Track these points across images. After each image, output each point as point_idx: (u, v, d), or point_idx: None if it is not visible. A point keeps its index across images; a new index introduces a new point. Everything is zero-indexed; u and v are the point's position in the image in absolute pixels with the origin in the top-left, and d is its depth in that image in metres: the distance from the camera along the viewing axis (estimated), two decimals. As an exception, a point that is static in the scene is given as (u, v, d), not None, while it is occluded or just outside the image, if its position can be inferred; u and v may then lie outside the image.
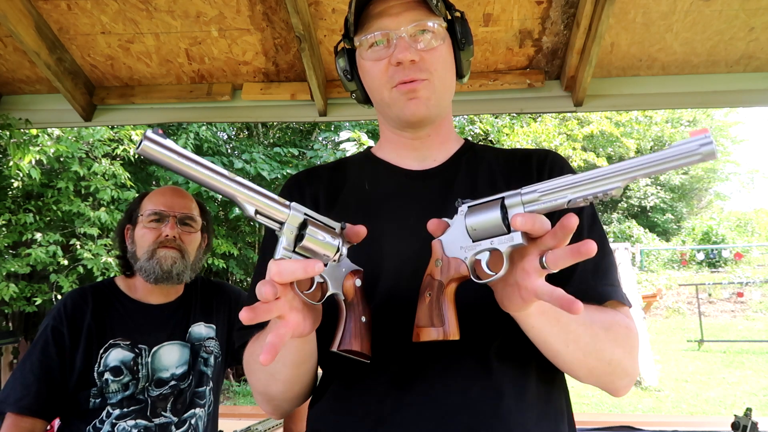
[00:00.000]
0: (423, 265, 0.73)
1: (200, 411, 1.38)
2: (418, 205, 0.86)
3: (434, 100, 0.86)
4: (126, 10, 1.90)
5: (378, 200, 0.89)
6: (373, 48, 0.85)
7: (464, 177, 0.89)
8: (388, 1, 0.83)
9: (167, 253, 1.35)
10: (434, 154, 0.92)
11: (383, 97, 0.87)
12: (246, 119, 2.32)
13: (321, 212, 0.72)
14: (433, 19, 0.83)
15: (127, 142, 5.40)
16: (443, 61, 0.86)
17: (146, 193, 1.45)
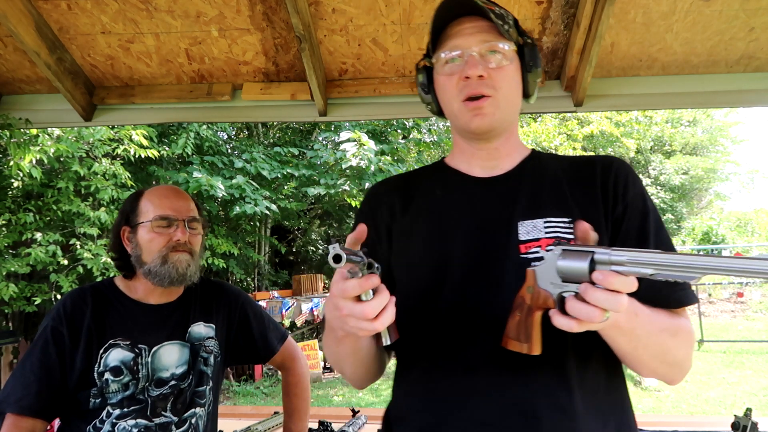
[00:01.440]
0: (485, 264, 0.89)
1: (200, 410, 1.38)
2: (483, 209, 0.95)
3: (498, 116, 0.93)
4: (126, 10, 1.90)
5: (447, 205, 0.98)
6: (448, 64, 0.95)
7: (528, 184, 0.96)
8: (463, 23, 0.93)
9: (181, 256, 1.34)
10: (501, 163, 0.99)
11: (453, 109, 0.96)
12: (246, 119, 2.32)
13: (395, 221, 0.98)
14: (503, 41, 0.92)
15: (127, 141, 5.40)
16: (509, 79, 0.93)
17: (140, 193, 1.41)
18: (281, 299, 7.61)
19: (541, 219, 0.90)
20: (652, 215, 0.92)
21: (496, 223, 0.92)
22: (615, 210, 0.91)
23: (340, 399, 6.64)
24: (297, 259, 12.26)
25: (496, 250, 0.90)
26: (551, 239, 0.87)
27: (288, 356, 1.63)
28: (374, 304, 0.71)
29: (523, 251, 0.89)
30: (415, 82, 2.10)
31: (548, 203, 0.92)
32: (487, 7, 0.91)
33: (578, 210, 0.91)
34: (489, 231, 0.91)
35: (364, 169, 7.02)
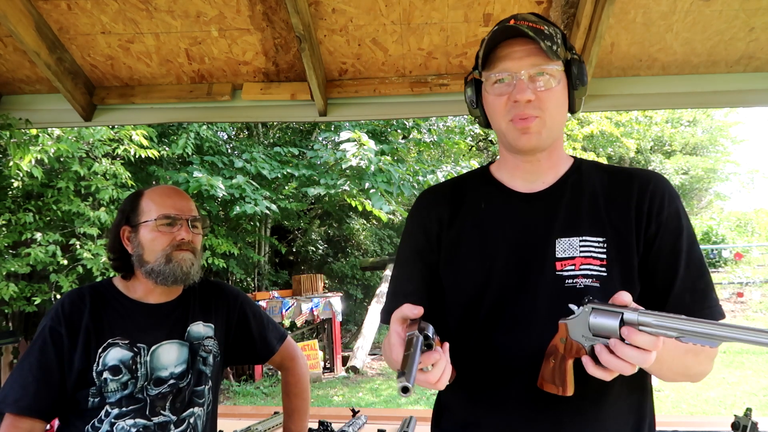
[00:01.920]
0: (523, 278, 0.96)
1: (199, 410, 1.38)
2: (524, 225, 1.00)
3: (545, 134, 0.97)
4: (126, 10, 1.90)
5: (491, 220, 1.04)
6: (497, 84, 0.98)
7: (568, 201, 1.01)
8: (513, 46, 0.96)
9: (184, 255, 1.35)
10: (544, 176, 1.04)
11: (501, 126, 1.00)
12: (246, 119, 2.32)
13: (443, 230, 1.05)
14: (551, 63, 0.95)
15: (127, 142, 5.40)
16: (556, 100, 0.97)
17: (140, 193, 1.41)
18: (281, 299, 7.60)
19: (578, 237, 0.96)
20: (685, 234, 0.95)
21: (536, 239, 0.98)
22: (648, 229, 0.95)
23: (340, 399, 6.64)
24: (297, 259, 12.26)
25: (534, 266, 0.97)
26: (586, 258, 0.94)
27: (287, 356, 1.63)
28: (434, 374, 0.79)
29: (558, 268, 0.95)
30: (414, 83, 2.11)
31: (585, 222, 0.97)
32: (538, 27, 0.95)
33: (612, 230, 0.96)
34: (528, 247, 0.98)
35: (364, 169, 7.01)
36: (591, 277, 0.93)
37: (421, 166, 8.02)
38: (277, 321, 1.70)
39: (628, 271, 0.94)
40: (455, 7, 1.84)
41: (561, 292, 0.93)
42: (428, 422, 2.16)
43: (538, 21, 0.97)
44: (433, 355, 0.79)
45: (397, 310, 0.86)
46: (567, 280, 0.93)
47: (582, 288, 0.93)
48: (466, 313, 1.01)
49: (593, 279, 0.93)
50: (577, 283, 0.93)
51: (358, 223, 12.63)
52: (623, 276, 0.93)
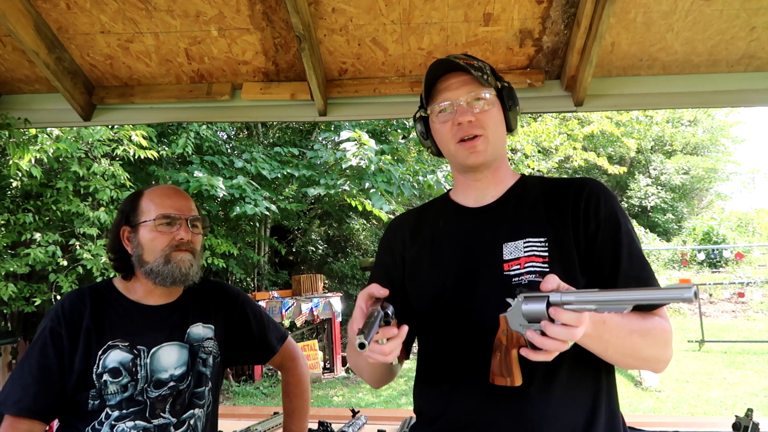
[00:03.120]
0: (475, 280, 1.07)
1: (199, 411, 1.38)
2: (475, 235, 1.13)
3: (489, 151, 1.12)
4: (125, 10, 1.89)
5: (446, 235, 1.17)
6: (441, 114, 1.15)
7: (512, 210, 1.13)
8: (449, 79, 1.14)
9: (183, 256, 1.34)
10: (492, 191, 1.17)
11: (450, 149, 1.15)
12: (246, 119, 2.32)
13: (406, 249, 1.21)
14: (484, 90, 1.11)
15: (127, 142, 5.39)
16: (494, 119, 1.12)
17: (140, 193, 1.41)
18: (281, 299, 7.60)
19: (522, 240, 1.07)
20: (624, 230, 1.06)
21: (485, 246, 1.10)
22: (588, 227, 1.06)
23: (339, 399, 6.64)
24: (297, 259, 12.26)
25: (483, 270, 1.08)
26: (529, 257, 1.04)
27: (287, 356, 1.63)
28: (388, 346, 0.90)
29: (506, 269, 1.05)
30: (414, 82, 2.10)
31: (528, 226, 1.09)
32: (468, 62, 1.11)
33: (552, 231, 1.06)
34: (479, 254, 1.10)
35: (364, 169, 7.01)
36: (534, 272, 1.02)
37: (421, 166, 8.01)
38: (276, 321, 1.69)
39: (569, 265, 1.03)
40: (455, 6, 1.84)
41: (509, 290, 1.00)
42: (428, 423, 2.16)
43: (468, 58, 1.14)
44: (390, 330, 0.91)
45: (365, 288, 0.98)
46: (514, 278, 1.03)
47: (527, 284, 1.02)
48: (428, 319, 1.14)
49: (537, 274, 1.02)
50: (522, 280, 1.02)
51: (358, 223, 12.63)
52: (565, 270, 1.02)
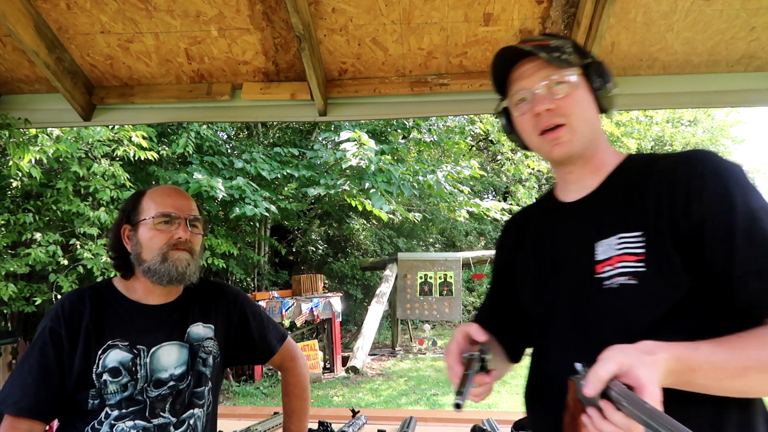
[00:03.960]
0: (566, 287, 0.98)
1: (199, 411, 1.38)
2: (568, 235, 1.02)
3: (576, 140, 0.99)
4: (125, 10, 1.89)
5: (544, 235, 1.09)
6: (518, 105, 1.04)
7: (608, 201, 0.99)
8: (523, 65, 1.02)
9: (181, 255, 1.33)
10: (589, 182, 1.03)
11: (533, 143, 1.05)
12: (246, 119, 2.32)
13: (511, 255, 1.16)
14: (563, 72, 0.98)
15: (127, 142, 5.39)
16: (579, 103, 0.99)
17: (142, 192, 1.41)
18: (281, 299, 7.60)
19: (615, 236, 0.92)
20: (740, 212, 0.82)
21: (577, 247, 0.99)
22: (690, 213, 0.85)
23: (340, 399, 6.64)
24: (297, 259, 12.26)
25: (574, 274, 0.98)
26: (621, 256, 0.90)
27: (287, 356, 1.63)
28: (478, 390, 0.93)
29: (598, 271, 0.92)
30: (414, 82, 2.11)
31: (621, 219, 0.93)
32: (542, 43, 1.00)
33: (649, 222, 0.89)
34: (570, 256, 0.99)
35: (364, 169, 7.01)
36: (627, 274, 0.88)
37: (421, 166, 8.01)
38: (276, 321, 1.69)
39: (666, 265, 0.86)
40: (455, 6, 1.84)
41: (599, 296, 0.91)
42: (428, 422, 2.16)
43: (544, 38, 1.03)
44: (484, 378, 0.93)
45: (465, 325, 0.98)
46: (605, 282, 0.91)
47: (617, 288, 0.89)
48: (532, 329, 1.08)
49: (629, 276, 0.88)
50: (612, 284, 0.90)
51: (358, 223, 12.63)
52: (664, 269, 0.86)
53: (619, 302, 0.89)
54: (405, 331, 11.08)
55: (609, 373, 0.72)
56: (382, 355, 9.47)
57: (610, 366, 0.73)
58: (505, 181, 14.77)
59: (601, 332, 0.90)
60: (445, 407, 6.07)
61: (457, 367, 0.91)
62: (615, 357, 0.74)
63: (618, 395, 0.71)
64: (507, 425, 1.94)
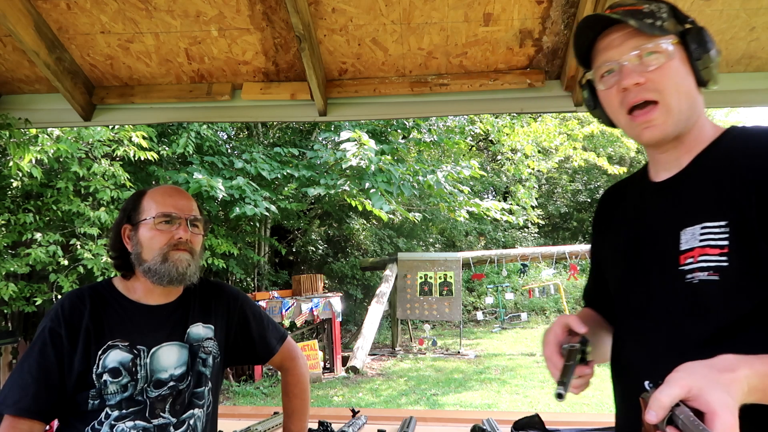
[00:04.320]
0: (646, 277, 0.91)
1: (199, 411, 1.38)
2: (649, 221, 0.95)
3: (670, 121, 0.88)
4: (125, 10, 1.89)
5: (633, 214, 1.00)
6: (605, 77, 0.93)
7: (697, 184, 0.89)
8: (611, 33, 0.91)
9: (181, 255, 1.33)
10: (681, 160, 0.93)
11: (620, 122, 0.95)
12: (246, 119, 2.32)
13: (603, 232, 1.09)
14: (657, 40, 0.87)
15: (127, 142, 5.39)
16: (673, 76, 0.88)
17: (142, 192, 1.41)
18: (281, 299, 7.60)
19: (699, 225, 0.83)
20: None
21: (660, 232, 0.91)
22: None
23: (340, 399, 6.64)
24: (297, 259, 12.26)
25: (654, 264, 0.91)
26: (704, 248, 0.81)
27: (287, 356, 1.63)
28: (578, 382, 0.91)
29: (681, 262, 0.84)
30: (414, 83, 2.11)
31: (706, 205, 0.84)
32: (634, 8, 0.89)
33: (735, 211, 0.80)
34: (653, 242, 0.92)
35: (364, 169, 7.01)
36: (708, 269, 0.80)
37: (421, 166, 8.01)
38: (276, 321, 1.69)
39: (752, 259, 0.78)
40: (455, 6, 1.84)
41: (679, 291, 0.84)
42: (428, 422, 2.16)
43: (636, 2, 0.91)
44: (584, 370, 0.91)
45: (565, 317, 0.95)
46: (687, 276, 0.83)
47: (697, 284, 0.81)
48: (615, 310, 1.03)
49: (710, 271, 0.80)
50: (693, 278, 0.82)
51: (358, 223, 12.63)
52: (748, 265, 0.78)
53: (699, 300, 0.82)
54: (405, 331, 11.08)
55: (672, 398, 0.66)
56: (382, 355, 9.47)
57: (673, 391, 0.66)
58: (505, 181, 14.77)
59: (679, 332, 0.84)
60: (445, 407, 6.08)
61: (556, 358, 0.90)
62: (681, 380, 0.67)
63: (684, 423, 0.65)
64: (507, 425, 1.93)
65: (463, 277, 10.66)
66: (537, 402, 6.11)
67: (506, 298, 11.47)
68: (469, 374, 7.68)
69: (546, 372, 4.18)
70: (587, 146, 11.83)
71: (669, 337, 0.85)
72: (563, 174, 17.61)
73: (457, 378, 7.44)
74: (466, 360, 8.75)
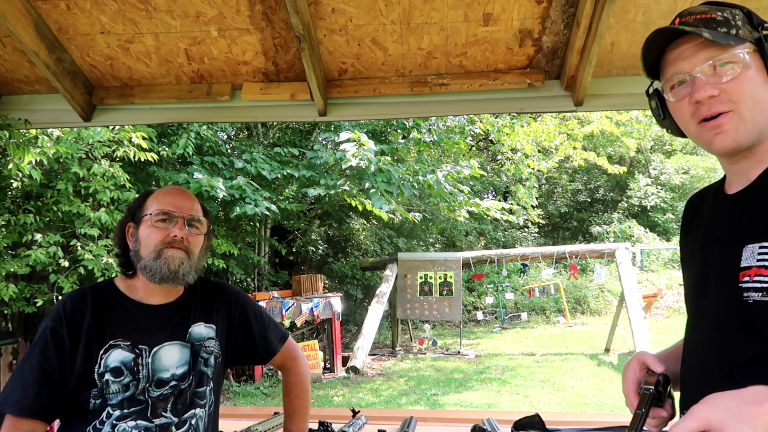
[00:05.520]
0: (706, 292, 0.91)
1: (200, 411, 1.38)
2: (721, 231, 0.92)
3: (744, 129, 0.85)
4: (125, 10, 1.89)
5: (705, 224, 0.98)
6: (676, 89, 0.91)
7: (757, 204, 0.86)
8: (681, 44, 0.89)
9: (174, 253, 1.34)
10: (751, 172, 0.89)
11: (690, 132, 0.92)
12: (246, 119, 2.32)
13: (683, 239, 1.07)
14: (731, 50, 0.84)
15: (127, 143, 5.40)
16: (750, 85, 0.84)
17: (150, 192, 1.43)
18: (281, 299, 7.60)
19: (758, 243, 0.81)
20: None
21: (725, 246, 0.88)
22: None
23: (340, 399, 6.64)
24: (297, 259, 12.27)
25: (716, 276, 0.88)
26: (761, 268, 0.80)
27: (288, 356, 1.63)
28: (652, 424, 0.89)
29: (741, 279, 0.82)
30: (414, 83, 2.11)
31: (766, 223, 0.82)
32: (706, 16, 0.86)
33: None
34: (718, 255, 0.89)
35: (364, 169, 7.02)
36: (762, 290, 0.79)
37: (421, 166, 8.02)
38: (277, 321, 1.69)
39: None
40: (455, 6, 1.84)
41: (734, 308, 0.83)
42: (428, 422, 2.17)
43: (709, 9, 0.88)
44: (660, 412, 0.88)
45: (641, 354, 0.95)
46: (744, 294, 0.81)
47: (752, 303, 0.80)
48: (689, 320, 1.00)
49: (764, 293, 0.79)
50: (749, 298, 0.81)
51: (358, 223, 12.64)
52: None
53: (751, 321, 0.80)
54: (405, 331, 11.08)
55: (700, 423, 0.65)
56: (382, 355, 9.47)
57: (690, 425, 0.65)
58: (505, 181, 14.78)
59: (727, 348, 0.84)
60: (445, 407, 6.08)
61: (633, 396, 0.90)
62: (701, 412, 0.66)
63: None
64: (507, 425, 1.94)
65: (463, 277, 10.66)
66: (537, 402, 6.11)
67: (506, 297, 11.48)
68: (469, 374, 7.68)
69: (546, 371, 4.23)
70: (587, 146, 11.84)
71: (719, 352, 0.85)
72: (563, 174, 17.63)
73: (457, 378, 7.44)
74: (467, 360, 8.75)
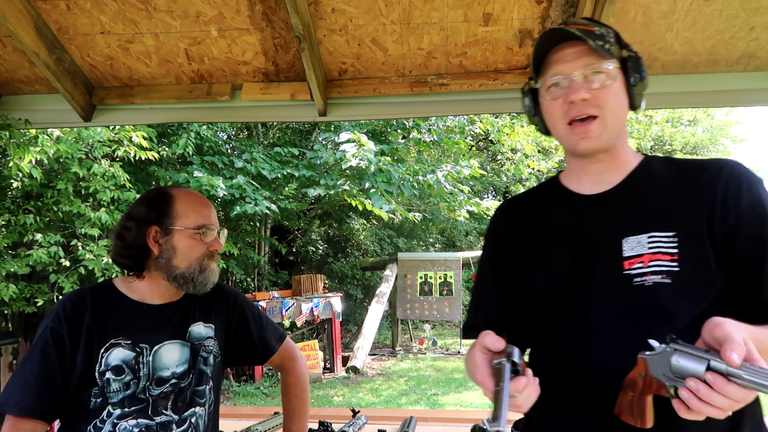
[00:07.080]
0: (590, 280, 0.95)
1: (200, 410, 1.38)
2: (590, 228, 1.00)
3: (605, 135, 0.97)
4: (125, 10, 1.89)
5: (558, 226, 1.04)
6: (552, 89, 0.99)
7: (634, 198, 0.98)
8: (564, 49, 0.98)
9: (214, 265, 1.39)
10: (610, 176, 1.02)
11: (559, 132, 1.01)
12: (246, 119, 2.32)
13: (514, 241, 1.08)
14: (605, 62, 0.95)
15: (127, 143, 5.40)
16: (614, 96, 0.96)
17: (168, 195, 1.38)
18: (281, 299, 7.60)
19: (646, 234, 0.92)
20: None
21: (601, 241, 0.97)
22: (726, 219, 0.90)
23: (340, 399, 6.64)
24: (297, 259, 12.26)
25: (599, 268, 0.95)
26: (655, 254, 0.90)
27: (286, 356, 1.63)
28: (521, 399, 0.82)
29: (626, 268, 0.92)
30: (414, 83, 2.11)
31: (653, 218, 0.94)
32: (587, 29, 0.96)
33: (683, 224, 0.91)
34: (594, 249, 0.97)
35: (364, 169, 7.02)
36: (661, 273, 0.89)
37: (421, 166, 8.02)
38: (277, 321, 1.70)
39: (702, 265, 0.89)
40: (455, 6, 1.84)
41: (629, 293, 0.91)
42: (428, 422, 2.17)
43: (589, 23, 1.00)
44: (520, 381, 0.83)
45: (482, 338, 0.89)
46: (635, 279, 0.91)
47: (651, 285, 0.89)
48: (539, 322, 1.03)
49: (663, 275, 0.89)
50: (645, 281, 0.90)
51: (358, 223, 12.63)
52: (697, 271, 0.89)
53: (656, 299, 0.89)
54: (405, 331, 11.08)
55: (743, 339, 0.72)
56: (382, 355, 9.47)
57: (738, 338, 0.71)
58: (505, 181, 14.77)
59: (633, 329, 0.89)
60: (445, 407, 6.08)
61: (488, 381, 0.84)
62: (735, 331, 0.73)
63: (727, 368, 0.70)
64: (507, 425, 1.94)
65: (463, 277, 10.65)
66: (537, 402, 6.10)
67: (506, 297, 11.45)
68: (469, 374, 7.68)
69: (546, 371, 4.07)
70: (587, 146, 11.80)
71: (625, 335, 0.90)
72: (563, 174, 17.57)
73: (457, 378, 7.44)
74: (467, 360, 8.74)
